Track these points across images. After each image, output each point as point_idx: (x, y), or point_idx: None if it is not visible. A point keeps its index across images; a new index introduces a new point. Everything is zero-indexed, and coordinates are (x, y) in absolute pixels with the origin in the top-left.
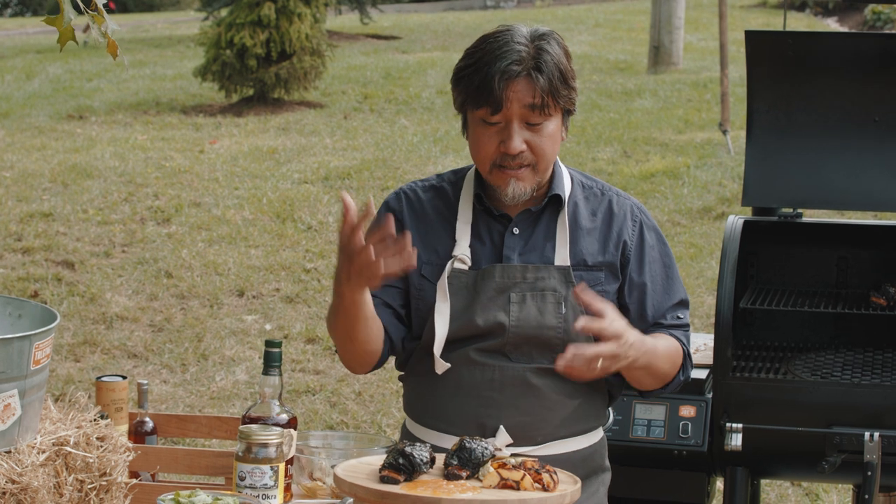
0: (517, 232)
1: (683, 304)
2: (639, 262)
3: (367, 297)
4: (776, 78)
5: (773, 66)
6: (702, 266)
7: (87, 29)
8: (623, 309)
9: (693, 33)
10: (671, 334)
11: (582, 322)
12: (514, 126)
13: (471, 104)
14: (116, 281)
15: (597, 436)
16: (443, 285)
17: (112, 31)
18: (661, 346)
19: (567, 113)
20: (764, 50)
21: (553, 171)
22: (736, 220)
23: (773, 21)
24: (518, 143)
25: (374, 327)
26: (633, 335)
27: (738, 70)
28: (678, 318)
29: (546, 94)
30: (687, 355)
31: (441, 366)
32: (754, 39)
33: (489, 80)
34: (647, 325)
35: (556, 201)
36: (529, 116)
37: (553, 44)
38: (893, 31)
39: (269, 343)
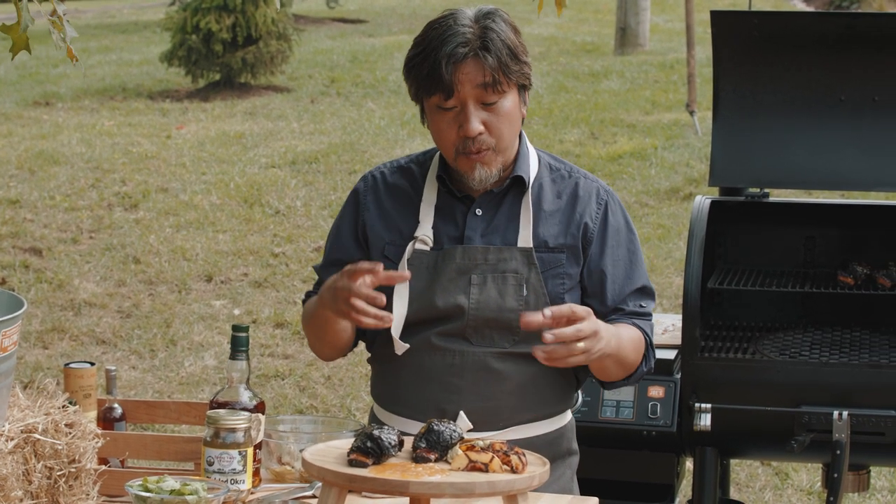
0: (480, 213)
1: (646, 292)
2: (601, 245)
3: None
4: (742, 58)
5: (739, 47)
6: (669, 247)
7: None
8: (583, 292)
9: (659, 14)
10: (633, 323)
11: (549, 337)
12: (470, 108)
13: (424, 92)
14: (84, 267)
15: (563, 420)
16: (402, 266)
17: (71, 39)
18: (626, 335)
19: (522, 88)
20: (730, 30)
21: (518, 152)
22: (703, 200)
23: (738, 1)
24: (476, 124)
25: (347, 330)
26: (604, 329)
27: (704, 51)
28: (641, 306)
29: (496, 72)
30: (650, 345)
31: (400, 346)
32: (720, 20)
33: (437, 65)
34: (606, 308)
35: (519, 183)
36: (483, 96)
37: (499, 21)
38: (859, 11)
39: (235, 328)
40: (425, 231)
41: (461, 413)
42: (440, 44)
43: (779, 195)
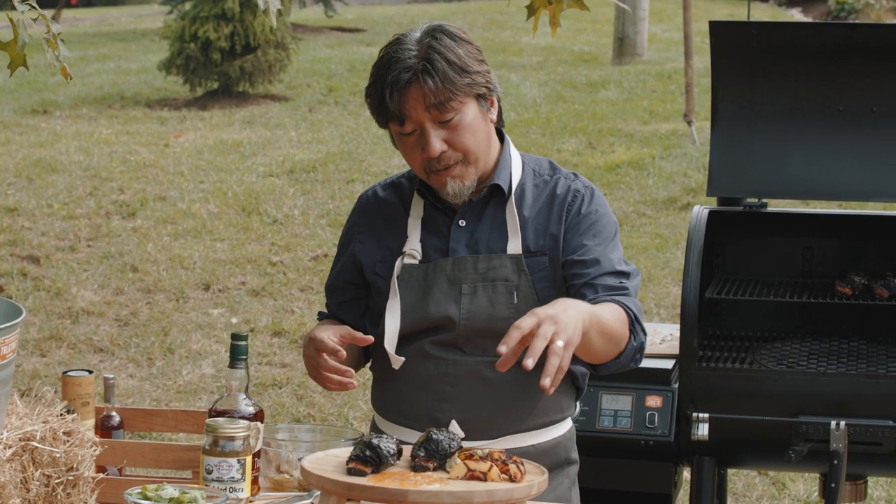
0: (463, 224)
1: (625, 273)
2: (575, 229)
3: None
4: (740, 68)
5: (737, 57)
6: (667, 256)
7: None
8: (565, 280)
9: (657, 24)
10: (613, 299)
11: (529, 363)
12: (428, 130)
13: (381, 121)
14: (82, 275)
15: (561, 429)
16: (393, 283)
17: (64, 58)
18: (602, 309)
19: (482, 96)
20: (728, 40)
21: (499, 160)
22: (701, 210)
23: (737, 12)
24: (436, 145)
25: (351, 360)
26: (559, 309)
27: (702, 61)
28: (620, 282)
29: (441, 92)
30: (635, 320)
31: (396, 361)
32: (718, 30)
33: (384, 95)
34: (583, 282)
35: (498, 191)
36: (436, 116)
37: (442, 37)
38: (857, 21)
39: (235, 336)
40: (413, 245)
41: (453, 422)
42: (385, 72)
43: (777, 205)
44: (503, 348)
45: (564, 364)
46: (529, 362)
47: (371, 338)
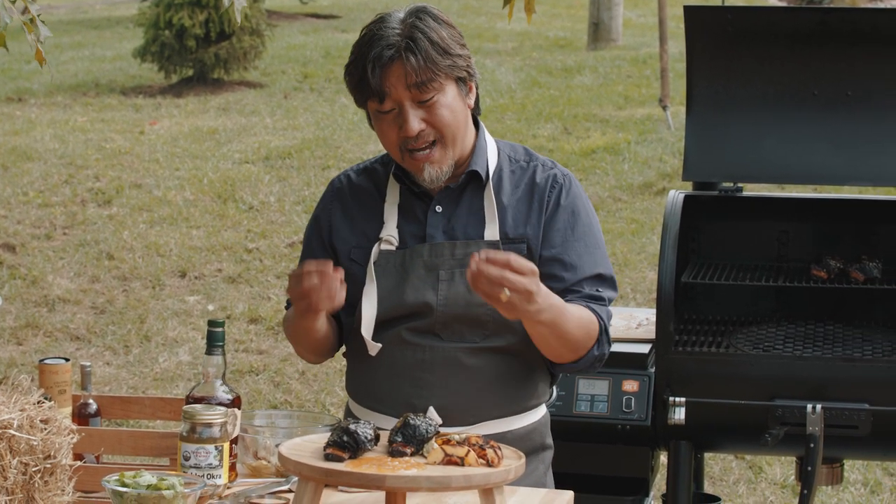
0: (440, 210)
1: (604, 279)
2: (553, 226)
3: (322, 319)
4: (715, 53)
5: (712, 41)
6: (643, 241)
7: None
8: (542, 276)
9: (632, 9)
10: (587, 306)
11: (484, 253)
12: (407, 108)
13: (360, 100)
14: (58, 263)
15: (536, 414)
16: (370, 268)
17: (45, 39)
18: (572, 309)
19: (461, 80)
20: (703, 25)
21: (475, 146)
22: (677, 195)
23: None
24: (414, 124)
25: (328, 333)
26: (544, 296)
27: (677, 45)
28: (597, 290)
29: (423, 71)
30: (604, 331)
31: (373, 347)
32: (693, 14)
33: (365, 71)
34: (562, 288)
35: (476, 177)
36: (416, 95)
37: (426, 18)
38: (832, 6)
39: (211, 323)
40: (390, 231)
41: (430, 408)
42: (368, 49)
43: (752, 190)
44: (472, 261)
45: (493, 303)
46: (474, 264)
47: (340, 270)
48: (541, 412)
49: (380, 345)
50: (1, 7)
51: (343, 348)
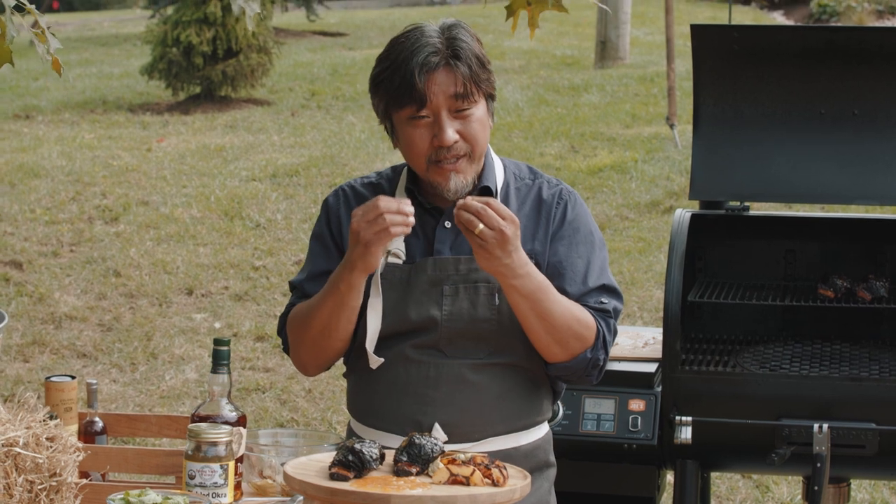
0: (449, 225)
1: (608, 289)
2: (558, 241)
3: (362, 284)
4: (722, 72)
5: (719, 60)
6: (650, 260)
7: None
8: None
9: (639, 28)
10: (591, 314)
11: (468, 198)
12: (444, 117)
13: (394, 106)
14: (65, 280)
15: (540, 431)
16: (376, 281)
17: (55, 49)
18: (564, 300)
19: (490, 98)
20: (710, 44)
21: (485, 162)
22: (683, 213)
23: (719, 15)
24: (451, 133)
25: (353, 319)
26: (519, 254)
27: (684, 64)
28: (601, 302)
29: (468, 81)
30: (601, 337)
31: (374, 361)
32: (700, 33)
33: (409, 76)
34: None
35: (486, 192)
36: (456, 105)
37: (463, 32)
38: (838, 24)
39: (217, 341)
40: (397, 245)
41: (436, 425)
42: (410, 55)
43: (759, 208)
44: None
45: (484, 217)
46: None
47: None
48: (544, 429)
49: (382, 359)
50: (8, 21)
51: (343, 367)
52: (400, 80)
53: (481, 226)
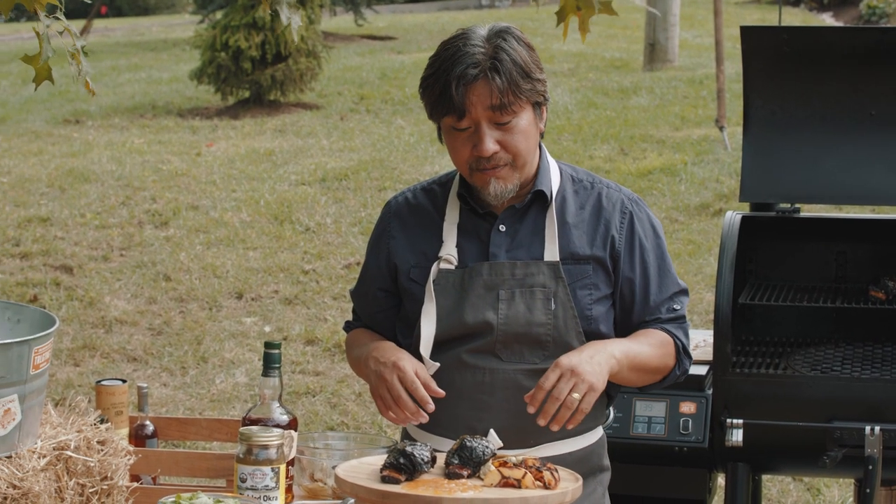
0: (503, 229)
1: (680, 293)
2: (630, 257)
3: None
4: (772, 73)
5: (768, 62)
6: (700, 262)
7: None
8: (616, 305)
9: (688, 30)
10: (663, 328)
11: (542, 421)
12: (483, 129)
13: (437, 114)
14: (115, 285)
15: (594, 436)
16: (428, 287)
17: (87, 73)
18: (646, 342)
19: (537, 104)
20: (759, 45)
21: (539, 166)
22: (734, 216)
23: (768, 17)
24: (490, 145)
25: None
26: (585, 361)
27: (733, 66)
28: (674, 309)
29: (506, 93)
30: (683, 349)
31: (431, 366)
32: (750, 35)
33: (448, 87)
34: (641, 318)
35: (541, 197)
36: (495, 117)
37: (510, 40)
38: (888, 25)
39: (268, 345)
40: (449, 250)
41: (491, 431)
42: (451, 65)
43: (809, 210)
44: (531, 409)
45: (582, 409)
46: (541, 421)
47: (441, 392)
48: (598, 434)
49: (437, 364)
50: (45, 39)
51: None
52: (440, 90)
53: (576, 395)
